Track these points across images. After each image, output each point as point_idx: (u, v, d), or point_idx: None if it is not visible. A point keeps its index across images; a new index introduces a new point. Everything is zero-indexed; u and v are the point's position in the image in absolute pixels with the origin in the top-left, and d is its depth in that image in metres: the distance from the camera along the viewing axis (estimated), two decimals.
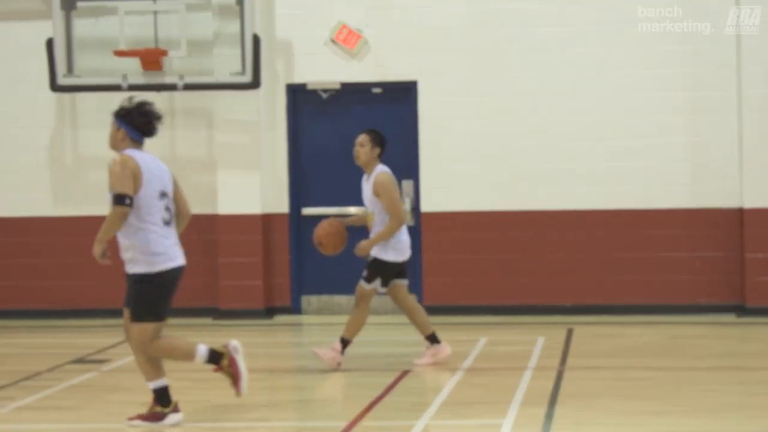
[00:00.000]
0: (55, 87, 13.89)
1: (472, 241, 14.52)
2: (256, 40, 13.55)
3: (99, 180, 14.13)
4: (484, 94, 14.48)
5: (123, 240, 8.29)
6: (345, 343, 11.12)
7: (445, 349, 11.39)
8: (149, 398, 9.15)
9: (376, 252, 11.10)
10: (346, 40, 14.12)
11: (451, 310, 14.23)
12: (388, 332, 13.56)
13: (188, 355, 8.46)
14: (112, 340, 12.95)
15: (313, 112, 14.63)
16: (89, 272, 14.20)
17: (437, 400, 9.45)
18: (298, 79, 14.37)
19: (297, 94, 14.42)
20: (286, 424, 9.06)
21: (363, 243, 11.10)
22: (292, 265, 14.61)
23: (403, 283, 11.25)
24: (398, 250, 11.02)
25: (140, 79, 13.79)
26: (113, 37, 13.78)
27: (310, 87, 14.39)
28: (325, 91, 14.42)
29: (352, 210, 14.32)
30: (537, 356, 11.38)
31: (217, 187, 14.34)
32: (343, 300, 14.48)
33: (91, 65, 14.07)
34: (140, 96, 13.06)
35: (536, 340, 12.23)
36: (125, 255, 8.44)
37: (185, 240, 10.26)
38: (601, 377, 10.12)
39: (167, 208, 8.52)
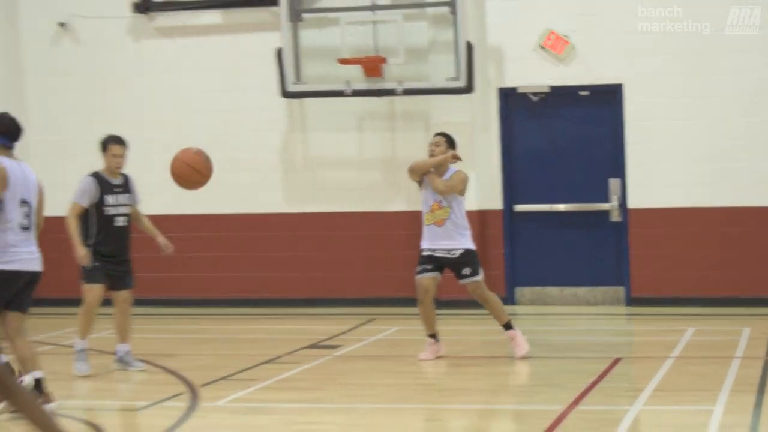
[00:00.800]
0: (285, 93, 14.44)
1: (676, 236, 14.47)
2: (470, 47, 13.77)
3: (327, 178, 15.09)
4: (690, 95, 14.38)
5: None
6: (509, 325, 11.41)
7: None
8: (382, 381, 9.97)
9: (470, 245, 11.42)
10: (554, 45, 14.31)
11: (658, 302, 14.34)
12: (599, 323, 13.73)
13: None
14: (342, 327, 13.45)
15: (523, 114, 14.78)
16: (320, 264, 15.00)
17: (649, 386, 9.56)
18: (509, 83, 14.59)
19: (508, 98, 14.62)
20: (505, 407, 9.35)
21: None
22: (506, 258, 14.79)
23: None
24: None
25: (362, 85, 14.27)
26: (336, 46, 14.25)
27: (520, 90, 14.59)
28: (534, 94, 14.58)
29: (561, 207, 14.78)
30: (743, 346, 11.35)
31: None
32: (554, 291, 14.84)
33: (317, 73, 14.55)
34: (362, 100, 14.15)
35: (742, 331, 12.17)
36: None
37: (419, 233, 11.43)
38: None
39: (26, 215, 8.86)
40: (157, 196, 14.26)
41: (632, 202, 14.41)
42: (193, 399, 9.59)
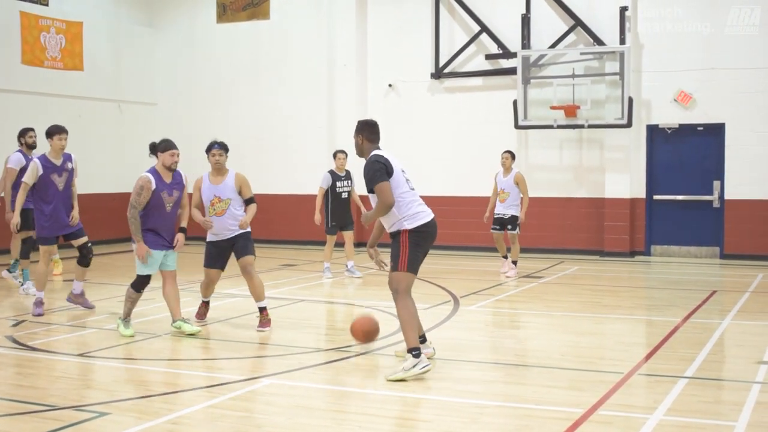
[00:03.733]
0: (517, 126, 15.33)
1: (753, 216, 14.39)
2: (630, 100, 14.52)
3: (540, 177, 15.69)
4: (763, 130, 14.45)
5: None
6: (515, 263, 12.48)
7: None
8: (567, 299, 10.45)
9: (515, 212, 12.43)
10: (683, 99, 14.93)
11: (740, 257, 14.51)
12: (703, 268, 13.73)
13: None
14: (544, 265, 13.90)
15: (661, 140, 15.28)
16: (534, 227, 15.21)
17: (734, 309, 9.63)
18: (653, 122, 15.20)
19: (653, 131, 15.22)
20: (641, 317, 9.30)
21: (522, 217, 12.39)
22: (647, 227, 15.37)
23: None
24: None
25: (563, 122, 14.94)
26: (549, 98, 15.05)
27: (660, 126, 15.17)
28: (669, 128, 15.13)
29: (680, 197, 15.00)
30: None
31: (605, 182, 15.36)
32: (675, 248, 15.28)
33: (537, 114, 15.27)
34: (563, 131, 14.85)
35: None
36: None
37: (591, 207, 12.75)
38: None
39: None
40: (436, 183, 15.77)
41: (727, 195, 14.80)
42: (455, 305, 9.93)
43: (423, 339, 7.16)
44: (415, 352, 6.62)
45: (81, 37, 16.85)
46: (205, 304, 8.87)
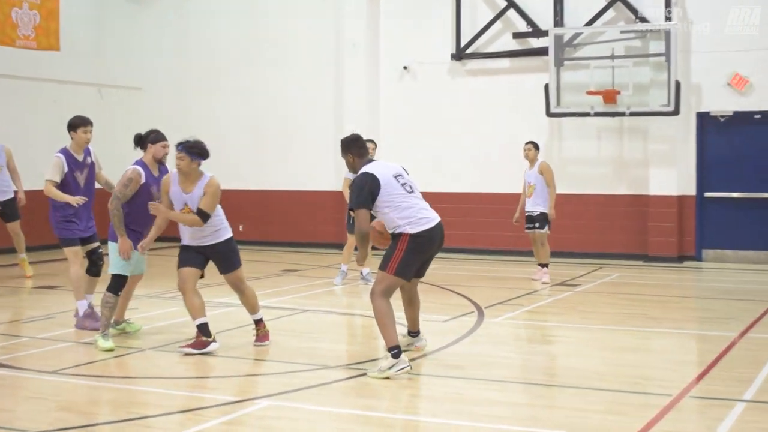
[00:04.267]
0: (549, 114, 15.50)
1: None
2: (678, 84, 14.66)
3: (574, 171, 15.88)
4: None
5: None
6: (546, 266, 12.65)
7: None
8: (606, 310, 10.39)
9: (544, 208, 12.74)
10: (738, 83, 15.00)
11: None
12: (762, 276, 13.73)
13: None
14: (580, 271, 13.97)
15: (713, 130, 15.34)
16: (564, 228, 15.23)
17: None
18: (704, 109, 15.27)
19: (703, 119, 15.28)
20: (693, 332, 9.43)
21: (550, 213, 12.69)
22: (697, 228, 15.43)
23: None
24: None
25: (601, 109, 15.11)
26: (585, 83, 15.19)
27: (712, 114, 15.26)
28: (722, 116, 15.20)
29: (735, 195, 15.13)
30: None
31: (648, 178, 15.47)
32: (729, 252, 15.34)
33: (571, 100, 15.42)
34: (600, 119, 15.03)
35: None
36: None
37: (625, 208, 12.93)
38: None
39: None
40: (459, 179, 16.23)
41: None
42: (479, 316, 10.02)
43: (417, 333, 7.96)
44: (393, 351, 7.11)
45: (57, 13, 16.76)
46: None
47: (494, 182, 16.54)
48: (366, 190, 7.30)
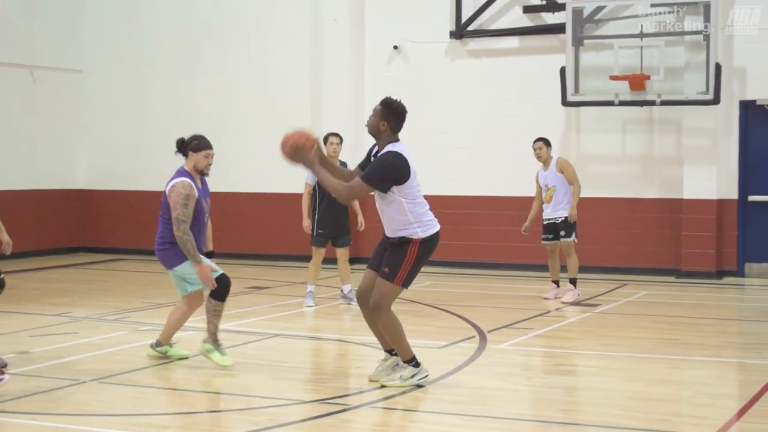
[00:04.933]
0: (565, 103, 15.61)
1: None
2: (718, 67, 14.70)
3: (595, 170, 16.08)
4: None
5: None
6: (574, 282, 12.90)
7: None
8: (633, 334, 10.60)
9: (567, 211, 12.88)
10: None
11: None
12: None
13: None
14: (601, 289, 14.15)
15: (760, 122, 15.50)
16: (583, 238, 14.91)
17: None
18: (749, 97, 15.44)
19: (748, 109, 15.43)
20: (732, 360, 9.65)
21: (572, 213, 12.82)
22: (739, 238, 15.58)
23: None
24: None
25: (627, 97, 15.16)
26: (609, 66, 15.24)
27: (759, 103, 15.45)
28: None
29: None
30: None
31: (683, 178, 15.60)
32: None
33: (592, 86, 15.52)
34: (626, 109, 15.24)
35: None
36: None
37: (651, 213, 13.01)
38: None
39: None
40: (458, 180, 16.47)
41: None
42: (481, 342, 10.20)
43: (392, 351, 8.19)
44: (413, 362, 7.92)
45: None
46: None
47: (500, 183, 16.71)
48: (391, 172, 7.79)
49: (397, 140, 8.02)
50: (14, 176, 17.90)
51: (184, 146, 8.67)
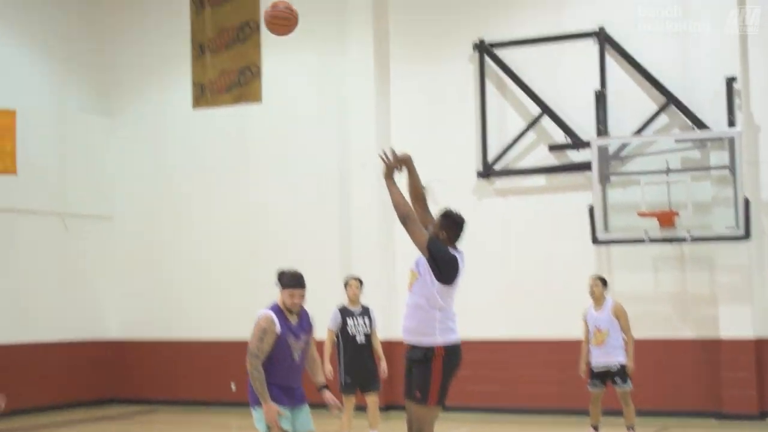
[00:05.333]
0: (595, 241, 15.58)
1: None
2: (747, 202, 14.61)
3: (628, 309, 14.11)
4: None
5: None
6: (633, 428, 12.73)
7: None
8: None
9: (623, 357, 12.89)
10: None
11: None
12: None
13: None
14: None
15: None
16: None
17: None
18: None
19: None
20: None
21: (630, 365, 12.86)
22: None
23: None
24: None
25: (657, 234, 15.08)
26: (636, 202, 15.17)
27: None
28: None
29: None
30: None
31: (718, 317, 15.34)
32: None
33: (621, 224, 15.47)
34: (657, 245, 15.01)
35: None
36: None
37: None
38: None
39: None
40: (487, 322, 16.22)
41: None
42: None
43: None
44: None
45: (14, 130, 17.00)
46: None
47: (531, 326, 16.58)
48: (449, 262, 8.18)
49: (457, 251, 8.28)
50: (43, 328, 17.63)
51: (278, 279, 8.47)
